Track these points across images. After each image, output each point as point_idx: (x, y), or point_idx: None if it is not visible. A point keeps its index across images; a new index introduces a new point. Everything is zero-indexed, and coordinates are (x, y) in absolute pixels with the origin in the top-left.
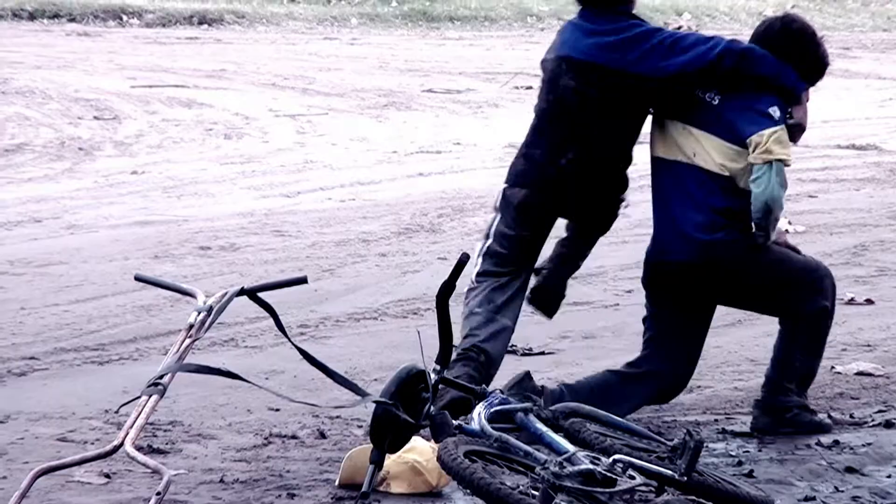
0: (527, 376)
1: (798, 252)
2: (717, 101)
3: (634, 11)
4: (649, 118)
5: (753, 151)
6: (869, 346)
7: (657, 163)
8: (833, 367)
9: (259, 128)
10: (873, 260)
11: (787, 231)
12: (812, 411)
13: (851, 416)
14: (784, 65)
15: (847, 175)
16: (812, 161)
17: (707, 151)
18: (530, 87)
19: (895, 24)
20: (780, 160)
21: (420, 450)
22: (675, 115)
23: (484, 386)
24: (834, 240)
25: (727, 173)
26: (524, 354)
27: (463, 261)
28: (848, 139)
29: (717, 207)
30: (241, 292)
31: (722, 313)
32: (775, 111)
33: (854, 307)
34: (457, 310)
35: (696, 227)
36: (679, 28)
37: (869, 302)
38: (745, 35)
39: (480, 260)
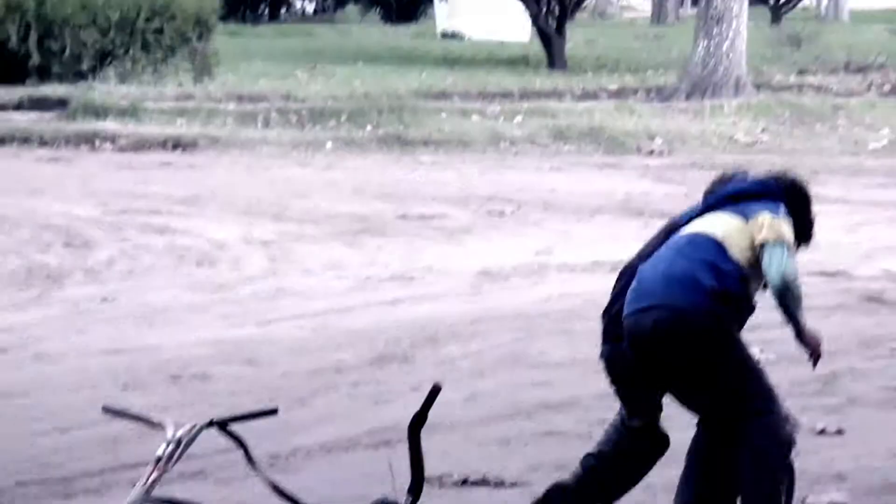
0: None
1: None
2: None
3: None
4: None
5: (761, 231)
6: (840, 476)
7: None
8: (805, 500)
9: (231, 255)
10: (844, 389)
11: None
12: None
13: None
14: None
15: (817, 302)
16: None
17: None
18: (503, 213)
19: (863, 149)
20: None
21: None
22: None
23: None
24: (805, 369)
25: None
26: (496, 485)
27: (435, 391)
28: (817, 266)
29: (719, 271)
30: (211, 424)
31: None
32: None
33: (825, 437)
34: (428, 441)
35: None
36: (651, 151)
37: (839, 432)
38: (717, 158)
39: None
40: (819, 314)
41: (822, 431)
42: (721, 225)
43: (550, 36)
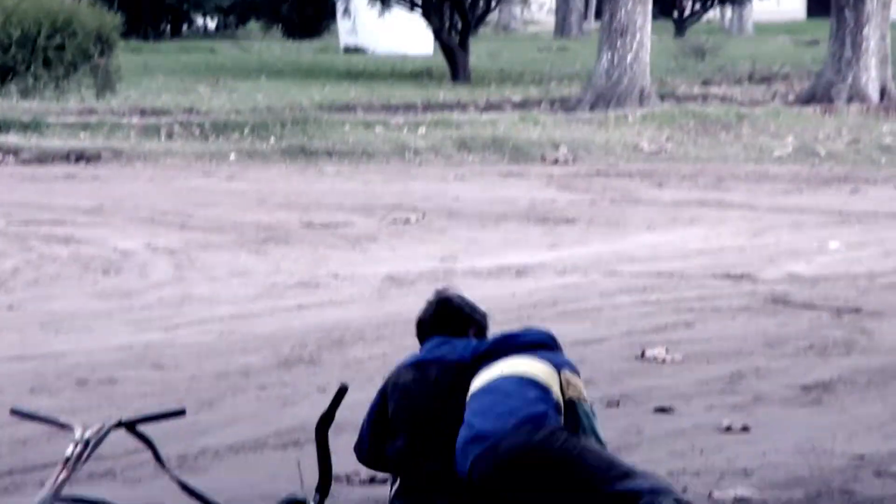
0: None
1: None
2: None
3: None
4: None
5: (567, 387)
6: (746, 472)
7: None
8: (711, 494)
9: (137, 263)
10: (749, 387)
11: (665, 360)
12: None
13: None
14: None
15: (722, 304)
16: (688, 291)
17: None
18: (408, 220)
19: (766, 156)
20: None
21: None
22: None
23: None
24: (711, 368)
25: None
26: None
27: (342, 391)
28: (723, 269)
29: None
30: (119, 425)
31: None
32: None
33: (731, 434)
34: (335, 440)
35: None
36: (556, 160)
37: (745, 429)
38: (621, 166)
39: None
40: (725, 316)
41: (728, 429)
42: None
43: (453, 49)
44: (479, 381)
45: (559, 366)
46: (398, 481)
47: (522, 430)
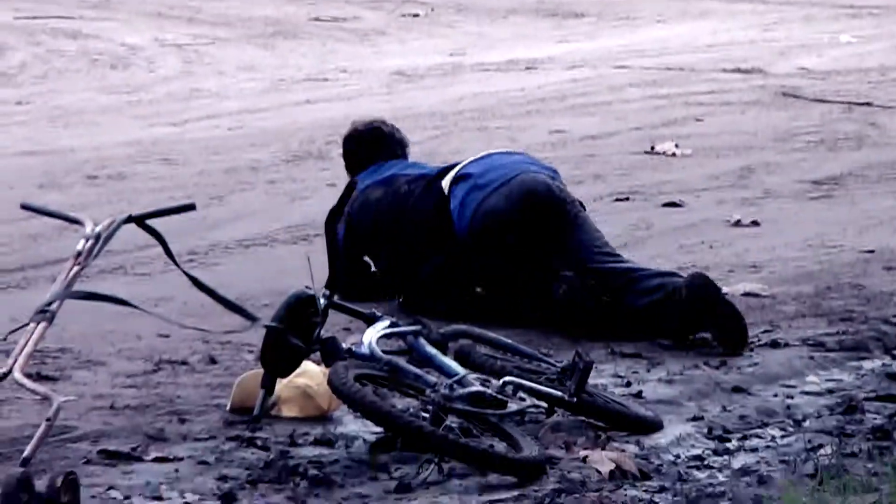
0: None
1: None
2: None
3: None
4: None
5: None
6: (755, 267)
7: None
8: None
9: (145, 57)
10: (759, 182)
11: (674, 154)
12: None
13: None
14: None
15: (733, 98)
16: (698, 85)
17: None
18: (417, 15)
19: None
20: None
21: (310, 374)
22: None
23: (374, 310)
24: (720, 162)
25: None
26: None
27: (351, 186)
28: (733, 63)
29: None
30: (129, 219)
31: (608, 237)
32: None
33: (740, 229)
34: None
35: None
36: None
37: (755, 224)
38: None
39: None
40: (735, 110)
41: (738, 223)
42: None
43: None
44: (461, 166)
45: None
46: (401, 297)
47: (542, 174)
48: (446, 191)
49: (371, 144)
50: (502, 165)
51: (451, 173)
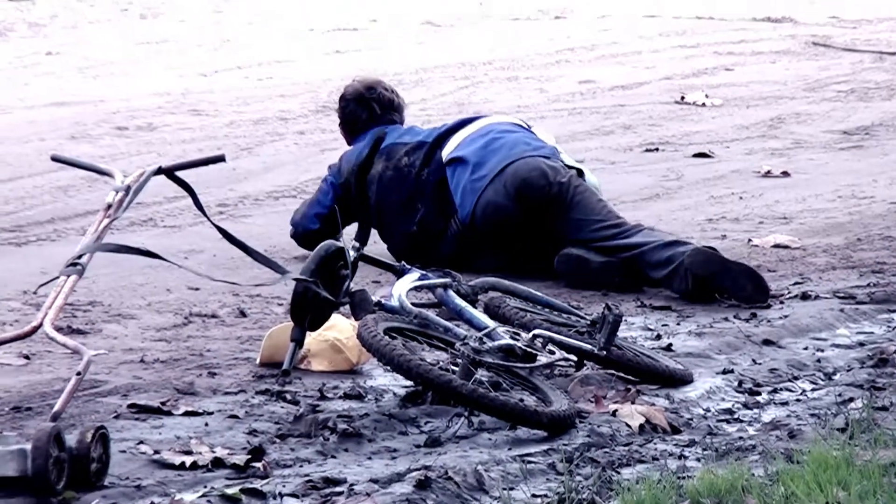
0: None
1: None
2: None
3: None
4: None
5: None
6: (785, 218)
7: None
8: (750, 240)
9: (175, 7)
10: (789, 132)
11: (704, 104)
12: None
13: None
14: None
15: (763, 48)
16: (728, 34)
17: None
18: None
19: None
20: None
21: (340, 327)
22: None
23: (403, 262)
24: (750, 112)
25: None
26: None
27: (380, 138)
28: (763, 12)
29: None
30: (159, 171)
31: (638, 188)
32: None
33: (770, 179)
34: None
35: None
36: None
37: (785, 174)
38: None
39: None
40: (765, 59)
41: (768, 174)
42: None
43: None
44: (457, 138)
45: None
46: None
47: (536, 157)
48: (445, 169)
49: (371, 107)
50: (499, 149)
51: (449, 149)
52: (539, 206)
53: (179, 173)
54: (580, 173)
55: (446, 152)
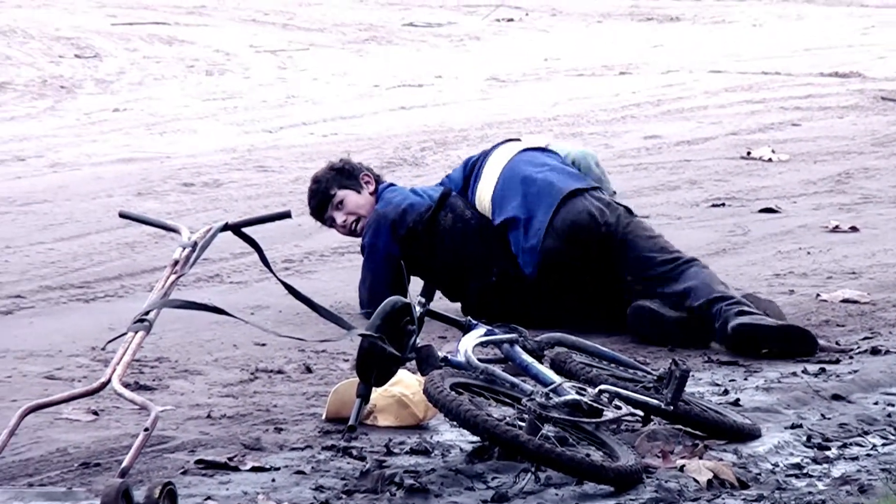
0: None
1: None
2: None
3: None
4: None
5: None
6: (854, 273)
7: None
8: (818, 295)
9: (240, 64)
10: (857, 187)
11: (770, 159)
12: None
13: (837, 343)
14: None
15: (830, 103)
16: (795, 89)
17: None
18: (511, 20)
19: None
20: None
21: (406, 383)
22: None
23: (469, 318)
24: (818, 168)
25: None
26: None
27: (446, 194)
28: (831, 67)
29: None
30: (226, 227)
31: (704, 243)
32: None
33: (838, 234)
34: None
35: None
36: None
37: (853, 229)
38: None
39: None
40: (833, 114)
41: (836, 229)
42: None
43: None
44: (488, 185)
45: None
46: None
47: (583, 201)
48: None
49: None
50: (538, 195)
51: (484, 201)
52: (591, 246)
53: (246, 229)
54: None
55: (483, 205)
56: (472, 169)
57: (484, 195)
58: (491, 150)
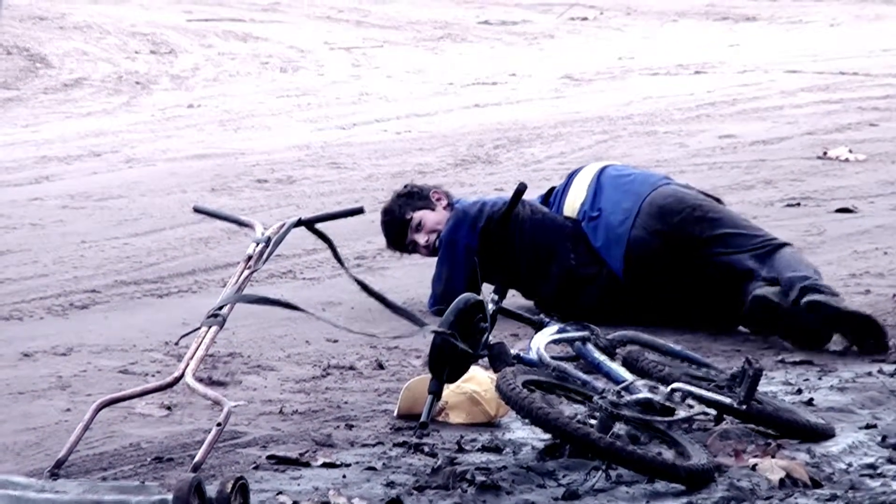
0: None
1: None
2: None
3: None
4: None
5: None
6: None
7: None
8: (894, 296)
9: (314, 61)
10: None
11: (847, 159)
12: None
13: None
14: None
15: None
16: (873, 89)
17: None
18: (585, 19)
19: None
20: None
21: (478, 380)
22: None
23: (542, 315)
24: (894, 168)
25: None
26: None
27: (521, 190)
28: None
29: None
30: (299, 223)
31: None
32: None
33: None
34: None
35: None
36: None
37: None
38: None
39: None
40: None
41: None
42: None
43: None
44: (577, 190)
45: None
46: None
47: (670, 187)
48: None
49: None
50: (628, 187)
51: (572, 206)
52: (682, 230)
53: (319, 225)
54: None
55: (573, 208)
56: (551, 192)
57: (575, 199)
58: (575, 171)
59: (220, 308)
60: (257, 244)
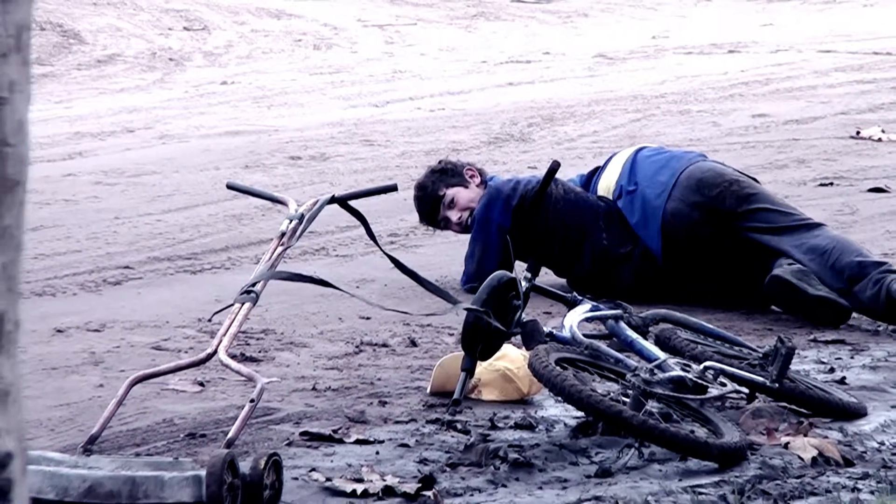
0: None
1: None
2: None
3: None
4: None
5: None
6: None
7: None
8: None
9: (348, 38)
10: None
11: (880, 139)
12: None
13: None
14: None
15: None
16: None
17: None
18: None
19: None
20: None
21: (511, 357)
22: None
23: (575, 293)
24: None
25: None
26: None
27: (553, 168)
28: None
29: None
30: (333, 200)
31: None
32: None
33: None
34: None
35: None
36: None
37: None
38: None
39: None
40: None
41: None
42: None
43: None
44: (612, 170)
45: None
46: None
47: (707, 163)
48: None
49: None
50: (665, 164)
51: (607, 183)
52: (720, 203)
53: (352, 202)
54: None
55: (609, 186)
56: (595, 171)
57: (610, 178)
58: (613, 154)
59: (254, 284)
60: (291, 221)
